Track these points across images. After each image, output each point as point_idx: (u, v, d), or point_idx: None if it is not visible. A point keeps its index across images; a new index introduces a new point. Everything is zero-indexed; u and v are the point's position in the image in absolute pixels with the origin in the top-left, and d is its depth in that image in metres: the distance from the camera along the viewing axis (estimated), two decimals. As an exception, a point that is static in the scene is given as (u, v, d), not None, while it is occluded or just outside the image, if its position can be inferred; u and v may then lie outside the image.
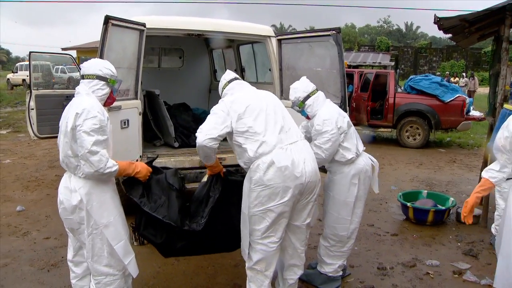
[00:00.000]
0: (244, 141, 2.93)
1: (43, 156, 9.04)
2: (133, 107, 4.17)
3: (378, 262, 4.31)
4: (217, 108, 3.01)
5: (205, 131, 2.88)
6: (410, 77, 11.67)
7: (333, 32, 4.03)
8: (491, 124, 5.63)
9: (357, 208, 3.68)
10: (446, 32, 5.87)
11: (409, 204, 5.39)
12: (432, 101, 10.51)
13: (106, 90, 2.83)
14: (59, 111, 7.51)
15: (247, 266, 3.15)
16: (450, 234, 5.11)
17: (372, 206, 5.97)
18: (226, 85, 3.25)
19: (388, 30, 74.31)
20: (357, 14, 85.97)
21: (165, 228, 3.04)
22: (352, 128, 3.63)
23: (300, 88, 3.58)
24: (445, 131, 11.97)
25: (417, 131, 10.77)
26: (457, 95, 10.46)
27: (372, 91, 11.33)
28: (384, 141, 11.91)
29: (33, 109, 6.99)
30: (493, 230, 4.76)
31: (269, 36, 4.97)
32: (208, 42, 7.29)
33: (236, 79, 3.28)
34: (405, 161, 9.19)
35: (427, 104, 10.54)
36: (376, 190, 3.89)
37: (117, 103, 3.87)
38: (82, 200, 2.68)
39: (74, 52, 25.67)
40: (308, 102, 3.56)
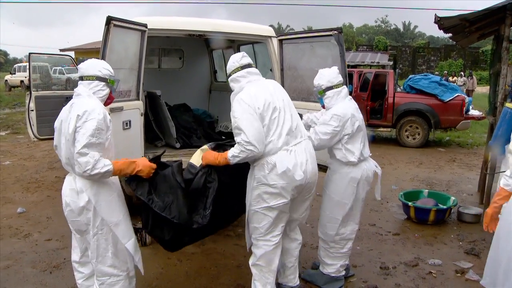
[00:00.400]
0: None
1: (43, 158, 9.02)
2: (135, 108, 4.16)
3: (381, 262, 4.31)
4: (245, 113, 2.91)
5: (253, 142, 2.83)
6: (409, 77, 11.70)
7: (335, 32, 4.03)
8: (492, 124, 5.64)
9: (355, 210, 3.68)
10: (446, 32, 5.87)
11: (411, 204, 5.39)
12: (432, 101, 10.53)
13: (107, 91, 2.85)
14: (59, 113, 7.53)
15: (251, 263, 3.22)
16: (452, 233, 5.12)
17: (373, 206, 5.98)
18: (238, 70, 3.14)
19: (386, 30, 74.37)
20: (355, 14, 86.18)
21: (173, 225, 2.99)
22: (362, 133, 3.59)
23: (326, 77, 3.57)
24: (444, 131, 12.00)
25: (417, 131, 10.78)
26: (456, 94, 10.48)
27: (372, 91, 11.36)
28: (384, 141, 11.92)
29: (33, 111, 6.97)
30: (495, 229, 4.77)
31: (270, 37, 4.97)
32: (209, 43, 7.28)
33: (250, 66, 3.17)
34: (405, 161, 9.20)
35: (427, 104, 10.56)
36: (378, 197, 3.92)
37: (119, 104, 3.87)
38: (90, 201, 2.69)
39: (72, 53, 25.64)
40: (329, 94, 3.56)
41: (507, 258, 2.57)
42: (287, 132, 3.00)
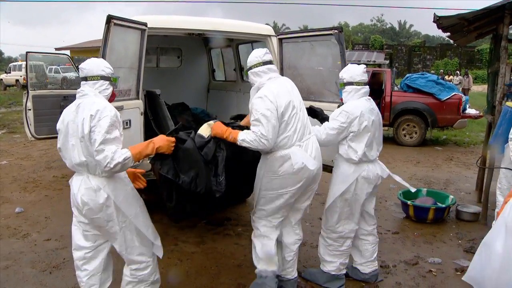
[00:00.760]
0: None
1: (40, 157, 8.97)
2: (135, 107, 4.14)
3: (381, 261, 4.31)
4: (267, 110, 3.12)
5: (269, 139, 3.09)
6: (407, 76, 11.72)
7: (336, 31, 4.02)
8: (490, 122, 5.66)
9: (353, 210, 3.67)
10: (445, 31, 5.89)
11: (410, 202, 5.41)
12: (429, 99, 10.56)
13: (111, 89, 2.94)
14: (56, 112, 7.48)
15: (255, 235, 3.52)
16: (451, 232, 5.13)
17: (372, 205, 5.98)
18: (260, 65, 3.35)
19: (382, 29, 74.57)
20: (351, 13, 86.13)
21: (197, 197, 3.18)
22: (370, 135, 3.52)
23: (350, 72, 3.62)
24: (441, 129, 12.04)
25: (414, 129, 10.81)
26: (453, 93, 10.53)
27: (369, 90, 11.35)
28: (381, 140, 11.92)
29: (30, 110, 6.94)
30: (494, 227, 4.79)
31: (270, 36, 4.96)
32: (207, 42, 7.27)
33: (271, 63, 3.40)
34: (403, 160, 9.22)
35: (424, 103, 10.59)
36: (402, 181, 3.97)
37: (119, 103, 3.85)
38: (109, 197, 2.76)
39: (68, 52, 25.48)
40: (348, 89, 3.60)
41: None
42: (300, 129, 3.27)
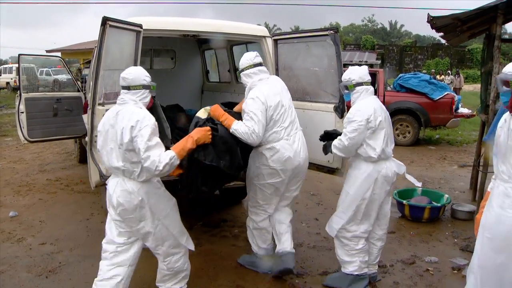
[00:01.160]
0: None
1: (33, 160, 8.90)
2: (131, 110, 4.11)
3: (378, 260, 4.32)
4: (258, 111, 3.52)
5: (259, 135, 3.51)
6: (399, 76, 11.78)
7: (331, 32, 4.02)
8: (484, 121, 5.70)
9: (371, 211, 3.64)
10: (438, 31, 5.92)
11: (405, 202, 5.43)
12: (422, 99, 10.61)
13: (149, 97, 3.13)
14: (49, 114, 7.41)
15: (252, 227, 3.98)
16: (446, 231, 5.16)
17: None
18: (251, 67, 3.75)
19: (373, 29, 74.93)
20: (341, 13, 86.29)
21: (225, 176, 3.66)
22: (385, 131, 3.54)
23: (358, 73, 3.62)
24: (434, 129, 12.11)
25: (407, 129, 10.86)
26: (446, 93, 10.60)
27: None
28: (374, 139, 11.95)
29: (23, 113, 6.85)
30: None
31: (265, 36, 4.95)
32: (201, 43, 7.25)
33: (261, 65, 3.80)
34: (396, 159, 9.19)
35: (417, 102, 10.64)
36: (416, 182, 4.12)
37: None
38: (143, 200, 2.98)
39: (59, 54, 25.32)
40: (358, 89, 3.60)
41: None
42: (288, 125, 3.70)
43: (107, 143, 2.99)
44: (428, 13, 5.05)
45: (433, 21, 5.15)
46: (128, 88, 3.01)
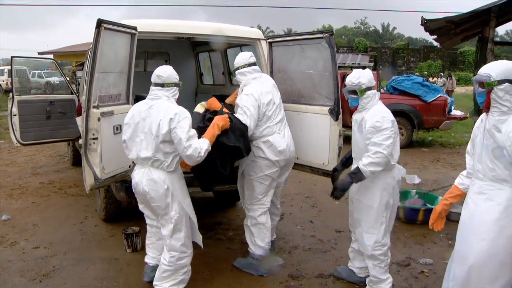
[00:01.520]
0: (258, 123, 3.87)
1: (25, 163, 8.84)
2: (125, 112, 4.06)
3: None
4: (252, 107, 3.80)
5: (250, 128, 3.77)
6: (392, 78, 11.82)
7: (326, 35, 4.02)
8: (477, 124, 5.73)
9: (392, 219, 3.61)
10: (432, 34, 5.96)
11: (400, 204, 5.43)
12: (415, 101, 10.65)
13: (178, 93, 3.48)
14: (43, 117, 7.35)
15: (250, 224, 4.10)
16: (441, 232, 5.16)
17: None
18: (246, 66, 4.01)
19: (365, 31, 75.28)
20: (334, 16, 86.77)
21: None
22: (398, 136, 3.47)
23: (367, 77, 3.49)
24: (427, 131, 12.15)
25: (400, 131, 10.84)
26: (439, 95, 10.64)
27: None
28: (368, 142, 11.99)
29: (16, 115, 6.81)
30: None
31: (259, 39, 4.95)
32: (195, 45, 7.24)
33: (255, 64, 4.07)
34: (390, 161, 9.25)
35: (410, 104, 10.67)
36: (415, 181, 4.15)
37: (110, 109, 3.81)
38: (169, 188, 3.29)
39: (51, 56, 25.18)
40: (370, 94, 3.46)
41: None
42: (279, 121, 4.01)
43: (137, 135, 3.32)
44: (422, 16, 5.10)
45: (427, 24, 5.19)
46: (162, 85, 3.35)
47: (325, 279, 4.04)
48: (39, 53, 26.44)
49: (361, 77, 3.46)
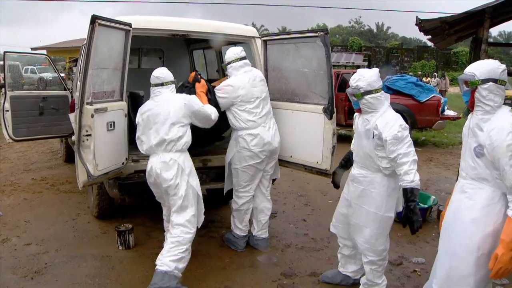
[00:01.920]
0: (240, 114, 4.22)
1: (18, 159, 8.78)
2: (119, 109, 4.06)
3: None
4: (223, 94, 4.22)
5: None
6: (386, 77, 11.85)
7: (321, 33, 4.03)
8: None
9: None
10: (426, 34, 5.98)
11: (393, 203, 5.45)
12: (408, 101, 10.67)
13: (175, 90, 3.94)
14: (35, 113, 7.29)
15: (234, 209, 4.51)
16: (433, 232, 5.21)
17: (355, 206, 6.03)
18: (238, 60, 4.31)
19: (360, 31, 75.38)
20: (329, 15, 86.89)
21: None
22: None
23: (367, 79, 3.20)
24: (420, 130, 12.21)
25: (394, 131, 10.90)
26: (433, 95, 10.69)
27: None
28: (361, 141, 12.02)
29: (8, 111, 6.75)
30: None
31: (254, 37, 4.95)
32: (189, 43, 7.21)
33: (246, 59, 4.38)
34: (384, 160, 9.28)
35: (404, 104, 10.68)
36: None
37: (103, 105, 3.79)
38: (180, 166, 3.64)
39: (44, 52, 25.02)
40: (369, 99, 3.20)
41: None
42: (265, 114, 4.28)
43: (149, 127, 3.71)
44: (417, 16, 5.10)
45: (422, 24, 5.20)
46: (162, 85, 3.79)
47: (318, 278, 4.04)
48: (32, 49, 26.17)
49: (360, 80, 3.22)
